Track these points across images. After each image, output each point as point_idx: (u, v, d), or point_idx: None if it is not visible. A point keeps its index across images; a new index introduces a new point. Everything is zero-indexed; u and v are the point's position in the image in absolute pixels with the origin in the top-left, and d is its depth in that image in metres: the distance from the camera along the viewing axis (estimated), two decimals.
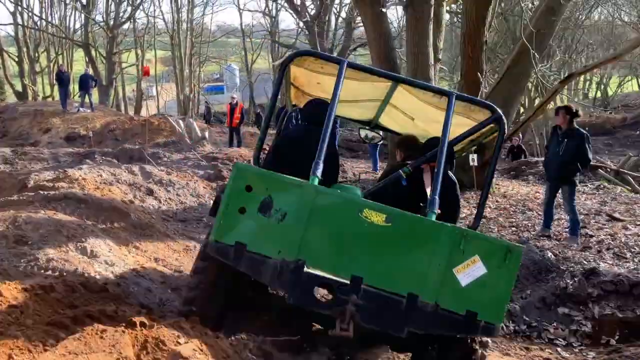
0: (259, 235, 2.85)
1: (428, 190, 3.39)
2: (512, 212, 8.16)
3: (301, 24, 32.08)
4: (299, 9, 28.62)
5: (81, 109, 20.86)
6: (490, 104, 3.65)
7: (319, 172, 3.02)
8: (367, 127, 4.98)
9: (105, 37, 31.13)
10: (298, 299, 2.86)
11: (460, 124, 3.77)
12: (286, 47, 35.17)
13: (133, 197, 6.52)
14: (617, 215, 8.13)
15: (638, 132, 26.18)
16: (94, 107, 21.40)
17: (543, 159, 9.52)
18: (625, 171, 11.76)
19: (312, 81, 4.24)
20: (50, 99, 30.63)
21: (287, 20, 56.51)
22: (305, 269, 2.81)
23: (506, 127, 3.54)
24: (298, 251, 2.82)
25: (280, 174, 2.94)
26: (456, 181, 3.91)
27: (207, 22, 48.33)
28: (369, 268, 2.85)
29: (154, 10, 62.82)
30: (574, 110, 6.49)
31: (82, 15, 31.68)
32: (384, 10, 10.00)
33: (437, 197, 3.06)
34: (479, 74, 8.40)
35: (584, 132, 6.52)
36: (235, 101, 16.04)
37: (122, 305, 3.58)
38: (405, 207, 3.05)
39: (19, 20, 29.26)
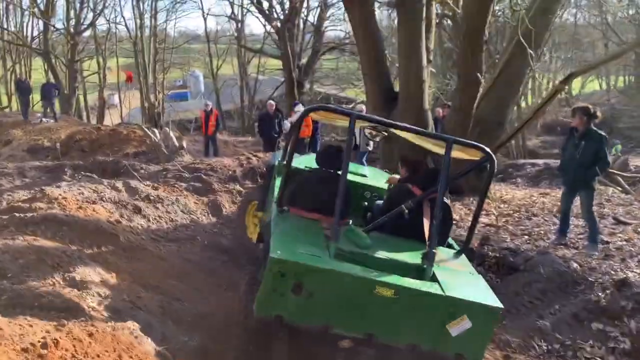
0: (291, 309, 3.46)
1: (425, 223, 4.01)
2: (518, 219, 7.82)
3: (269, 28, 31.58)
4: (268, 13, 28.09)
5: (44, 119, 19.85)
6: (482, 147, 4.01)
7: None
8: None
9: (66, 45, 29.98)
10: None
11: (457, 153, 4.25)
12: (253, 52, 34.64)
13: (120, 217, 5.89)
14: (621, 218, 7.90)
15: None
16: (57, 117, 20.40)
17: (541, 161, 9.25)
18: (615, 172, 11.63)
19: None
20: (7, 110, 29.29)
21: (252, 25, 55.93)
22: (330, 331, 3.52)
23: (495, 164, 4.12)
24: (325, 320, 3.51)
25: (306, 263, 3.44)
26: (449, 205, 4.54)
27: (170, 29, 47.28)
28: (379, 327, 3.55)
29: (115, 17, 61.08)
30: (592, 112, 6.17)
31: (40, 22, 30.50)
32: (375, 9, 9.59)
33: (435, 236, 3.76)
34: (478, 74, 8.05)
35: (603, 133, 6.20)
36: (209, 108, 15.41)
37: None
38: (406, 236, 4.13)
39: None
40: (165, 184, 7.16)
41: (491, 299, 3.64)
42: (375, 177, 5.99)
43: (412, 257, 3.88)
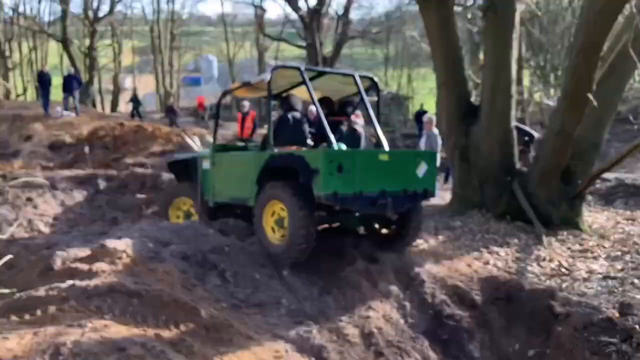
0: (338, 185, 5.25)
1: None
2: (635, 262, 6.75)
3: (291, 15, 30.37)
4: (293, 2, 26.83)
5: (65, 112, 18.82)
6: (368, 74, 6.83)
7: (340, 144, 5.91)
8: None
9: (83, 31, 28.92)
10: (363, 208, 5.61)
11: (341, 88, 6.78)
12: (276, 40, 33.40)
13: (193, 277, 4.86)
14: None
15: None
16: (78, 110, 19.36)
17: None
18: None
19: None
20: (21, 98, 28.34)
21: (269, 9, 54.52)
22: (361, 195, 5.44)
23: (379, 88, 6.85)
24: (359, 188, 5.41)
25: (339, 151, 5.64)
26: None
27: (184, 13, 46.07)
28: (386, 183, 5.61)
29: (131, 1, 59.93)
30: None
31: (56, 8, 29.45)
32: (454, 12, 8.46)
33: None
34: (589, 95, 6.94)
35: None
36: (246, 109, 14.27)
37: None
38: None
39: None
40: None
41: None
42: None
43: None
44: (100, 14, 26.74)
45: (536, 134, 11.09)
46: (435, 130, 10.34)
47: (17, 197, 9.93)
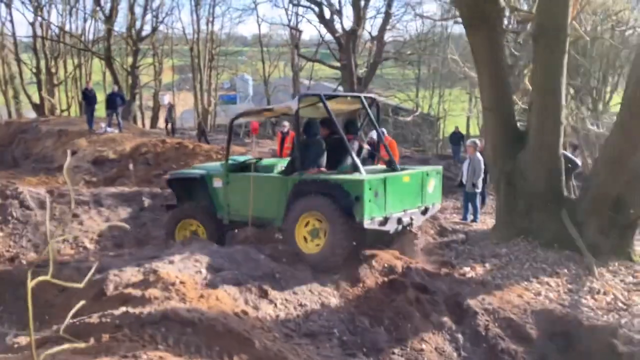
0: (374, 209, 5.82)
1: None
2: None
3: (327, 37, 30.55)
4: (330, 24, 27.00)
5: (108, 129, 19.26)
6: (368, 95, 7.64)
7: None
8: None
9: (126, 50, 29.67)
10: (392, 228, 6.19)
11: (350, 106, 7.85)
12: (311, 61, 33.63)
13: (245, 304, 4.83)
14: None
15: None
16: (121, 127, 19.78)
17: None
18: None
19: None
20: (65, 113, 29.14)
21: (305, 32, 55.12)
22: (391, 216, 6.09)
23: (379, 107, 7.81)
24: (386, 211, 6.01)
25: (375, 178, 5.99)
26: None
27: (223, 33, 46.92)
28: (409, 201, 6.44)
29: (172, 22, 61.37)
30: None
31: (101, 26, 30.30)
32: (503, 35, 8.34)
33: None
34: None
35: None
36: (286, 129, 14.36)
37: None
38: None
39: (38, 30, 27.69)
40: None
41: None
42: None
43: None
44: (143, 34, 27.42)
45: (579, 162, 10.82)
46: (479, 155, 10.19)
47: (64, 212, 10.11)
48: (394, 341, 5.13)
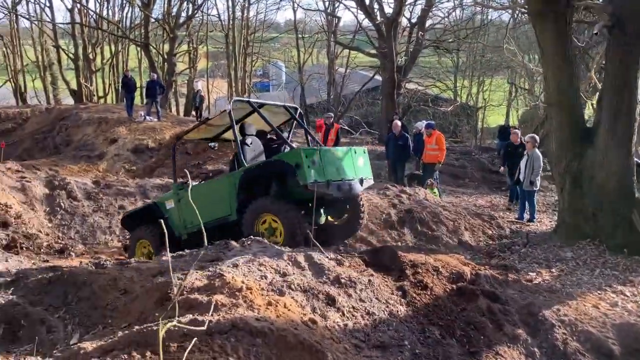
0: (315, 174, 6.57)
1: None
2: None
3: (365, 23, 29.98)
4: (369, 10, 26.42)
5: (147, 117, 19.24)
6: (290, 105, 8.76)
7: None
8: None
9: (162, 36, 29.63)
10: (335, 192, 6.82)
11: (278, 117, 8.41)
12: (348, 49, 33.07)
13: (312, 312, 4.56)
14: None
15: None
16: (160, 115, 19.74)
17: None
18: None
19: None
20: (102, 100, 29.32)
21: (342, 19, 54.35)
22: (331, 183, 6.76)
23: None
24: (325, 176, 6.70)
25: (309, 148, 7.46)
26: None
27: (258, 19, 46.62)
28: (344, 173, 7.10)
29: (208, 9, 61.34)
30: None
31: (138, 13, 30.28)
32: (572, 27, 7.85)
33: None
34: None
35: None
36: (331, 120, 14.01)
37: None
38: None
39: (76, 17, 27.82)
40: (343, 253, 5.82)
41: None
42: None
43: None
44: (180, 20, 27.26)
45: None
46: (537, 151, 9.73)
47: (110, 204, 10.04)
48: (467, 354, 4.81)
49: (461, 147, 22.54)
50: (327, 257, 5.37)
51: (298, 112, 8.53)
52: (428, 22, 29.57)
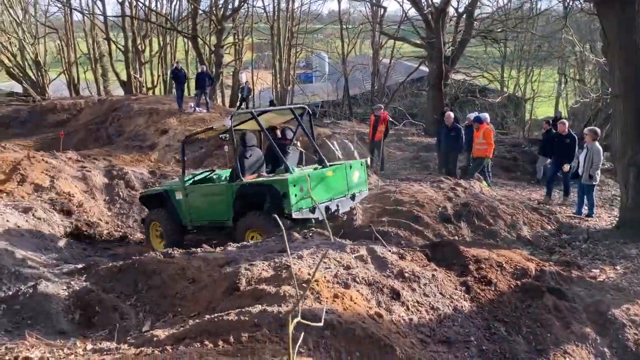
0: (302, 202, 6.98)
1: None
2: None
3: (411, 13, 29.59)
4: (418, 0, 26.01)
5: (197, 108, 19.54)
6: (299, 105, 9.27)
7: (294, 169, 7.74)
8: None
9: (209, 28, 29.96)
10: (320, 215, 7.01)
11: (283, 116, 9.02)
12: (394, 39, 32.68)
13: (377, 306, 4.56)
14: None
15: None
16: (209, 106, 20.02)
17: None
18: None
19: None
20: (151, 92, 29.92)
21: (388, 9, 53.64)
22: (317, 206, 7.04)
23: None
24: (317, 197, 6.99)
25: (298, 175, 7.37)
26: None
27: (303, 10, 46.61)
28: (334, 192, 7.54)
29: (253, 0, 61.67)
30: None
31: (185, 5, 30.72)
32: None
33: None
34: None
35: None
36: (381, 112, 13.90)
37: None
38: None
39: (127, 9, 28.44)
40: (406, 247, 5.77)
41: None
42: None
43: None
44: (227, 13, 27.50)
45: None
46: (597, 144, 9.41)
47: None
48: (534, 352, 4.71)
49: (510, 139, 21.97)
50: (390, 250, 5.34)
51: (306, 111, 8.61)
52: (476, 12, 29.02)
